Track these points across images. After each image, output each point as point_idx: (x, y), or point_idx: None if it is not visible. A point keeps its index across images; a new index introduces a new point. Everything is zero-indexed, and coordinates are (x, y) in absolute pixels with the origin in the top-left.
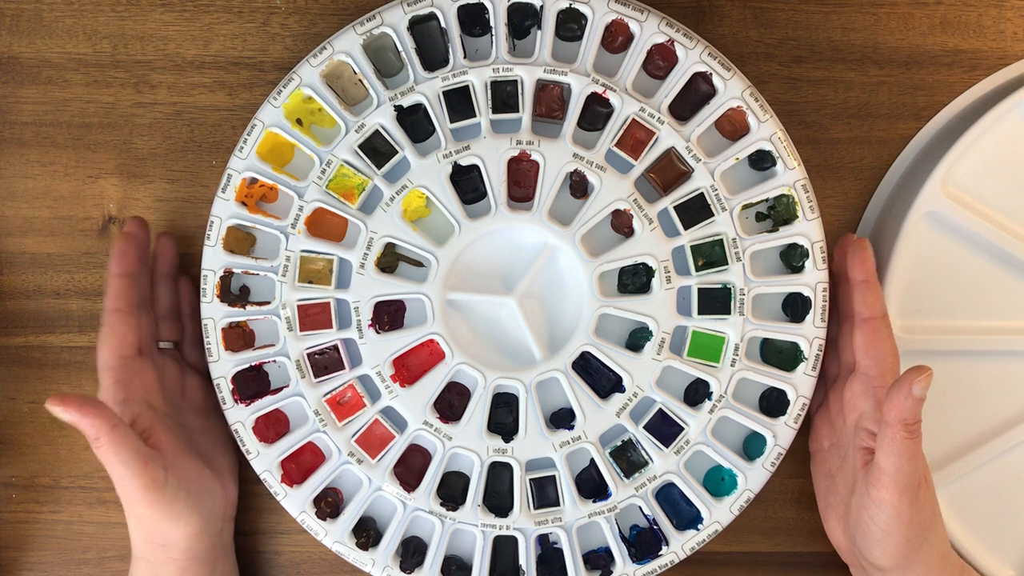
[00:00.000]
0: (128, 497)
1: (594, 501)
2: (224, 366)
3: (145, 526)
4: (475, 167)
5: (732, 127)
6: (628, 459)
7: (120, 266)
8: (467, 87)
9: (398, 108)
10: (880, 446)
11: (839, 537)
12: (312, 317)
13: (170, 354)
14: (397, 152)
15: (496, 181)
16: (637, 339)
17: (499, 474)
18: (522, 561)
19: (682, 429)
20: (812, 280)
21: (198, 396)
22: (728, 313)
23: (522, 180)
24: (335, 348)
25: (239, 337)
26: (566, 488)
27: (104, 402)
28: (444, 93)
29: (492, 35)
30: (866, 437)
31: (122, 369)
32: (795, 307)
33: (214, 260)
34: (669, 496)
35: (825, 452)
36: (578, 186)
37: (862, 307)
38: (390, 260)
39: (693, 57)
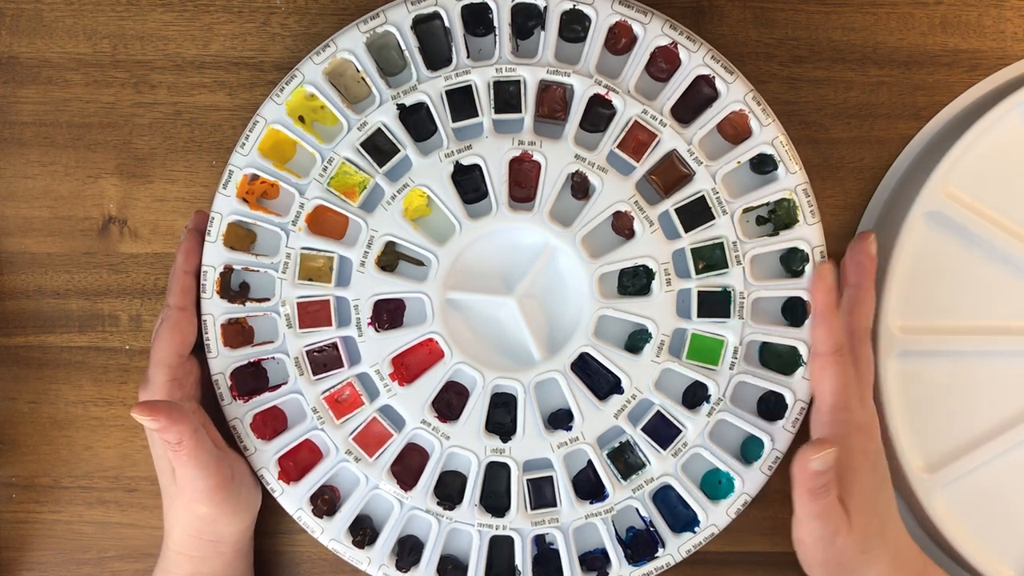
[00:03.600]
0: (194, 496)
1: (591, 502)
2: (223, 362)
3: (200, 523)
4: (477, 167)
5: (734, 130)
6: (626, 461)
7: (189, 264)
8: (470, 87)
9: (400, 107)
10: (794, 495)
11: None
12: (312, 314)
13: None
14: (399, 151)
15: (497, 181)
16: (636, 341)
17: (496, 474)
18: (518, 561)
19: (680, 431)
20: None
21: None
22: (728, 316)
23: (523, 180)
24: (334, 346)
25: (238, 333)
26: (563, 489)
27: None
28: (447, 92)
29: (495, 35)
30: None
31: (179, 367)
32: (795, 311)
33: (214, 256)
34: (666, 498)
35: None
36: (579, 187)
37: (814, 340)
38: (390, 258)
39: (696, 60)
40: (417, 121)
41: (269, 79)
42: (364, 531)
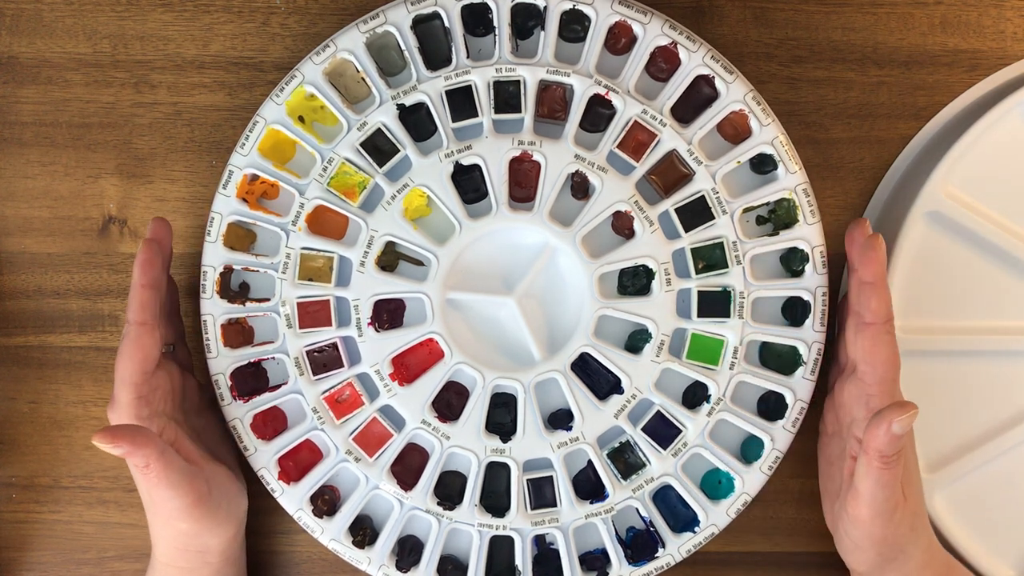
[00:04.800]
0: (172, 515)
1: (591, 502)
2: (223, 362)
3: (184, 538)
4: (477, 167)
5: (734, 130)
6: (626, 461)
7: (146, 276)
8: (470, 87)
9: (400, 107)
10: (859, 468)
11: (830, 521)
12: (312, 314)
13: (170, 356)
14: (399, 151)
15: (497, 181)
16: (636, 341)
17: (496, 474)
18: (518, 561)
19: (680, 431)
20: (812, 284)
21: (195, 396)
22: (728, 316)
23: (523, 180)
24: (334, 346)
25: (238, 333)
26: (563, 489)
27: (135, 422)
28: (447, 92)
29: (495, 35)
30: (855, 445)
31: (144, 384)
32: (795, 311)
33: (214, 256)
34: (666, 498)
35: (829, 437)
36: (579, 187)
37: (865, 311)
38: (390, 258)
39: (696, 60)
40: (417, 121)
41: (269, 79)
42: (364, 531)
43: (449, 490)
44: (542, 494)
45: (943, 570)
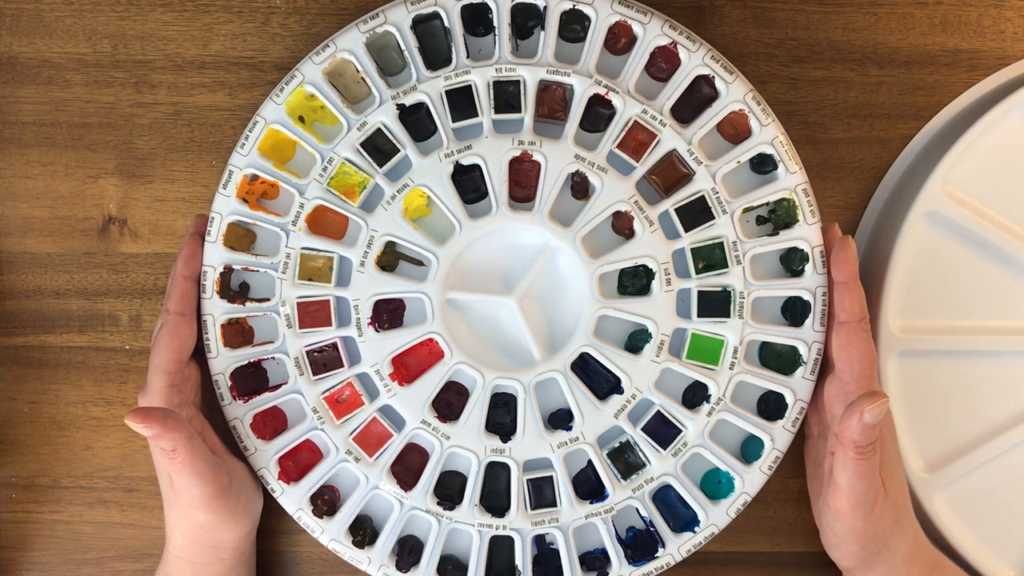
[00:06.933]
0: (192, 504)
1: (591, 502)
2: (223, 362)
3: (200, 530)
4: (476, 167)
5: (734, 130)
6: (626, 460)
7: (189, 269)
8: (470, 87)
9: (400, 107)
10: (836, 461)
11: (817, 519)
12: (312, 314)
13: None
14: (399, 151)
15: (497, 181)
16: (636, 341)
17: (496, 474)
18: (518, 561)
19: (680, 431)
20: (812, 284)
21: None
22: (727, 316)
23: (523, 180)
24: (334, 346)
25: (238, 333)
26: (563, 489)
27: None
28: (446, 92)
29: (495, 35)
30: (834, 440)
31: (177, 373)
32: (794, 311)
33: (214, 256)
34: (666, 498)
35: (814, 439)
36: (579, 187)
37: (839, 310)
38: (390, 258)
39: (696, 60)
40: (417, 121)
41: (269, 79)
42: (364, 531)
43: (449, 490)
44: (542, 494)
45: (931, 565)
